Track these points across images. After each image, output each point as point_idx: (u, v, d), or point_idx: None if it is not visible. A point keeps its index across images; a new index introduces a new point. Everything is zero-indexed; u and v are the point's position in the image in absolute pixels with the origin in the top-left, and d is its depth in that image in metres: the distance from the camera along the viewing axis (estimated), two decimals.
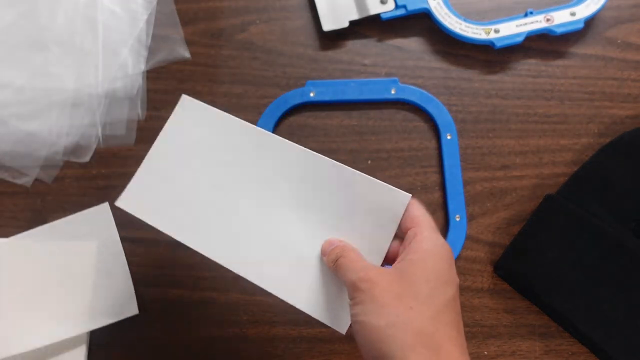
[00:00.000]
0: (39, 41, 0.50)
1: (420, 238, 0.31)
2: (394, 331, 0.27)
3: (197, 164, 0.39)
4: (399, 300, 0.28)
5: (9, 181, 0.48)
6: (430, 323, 0.28)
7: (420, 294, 0.28)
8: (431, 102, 0.49)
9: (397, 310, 0.28)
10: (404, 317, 0.28)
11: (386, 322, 0.28)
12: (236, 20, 0.53)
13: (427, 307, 0.28)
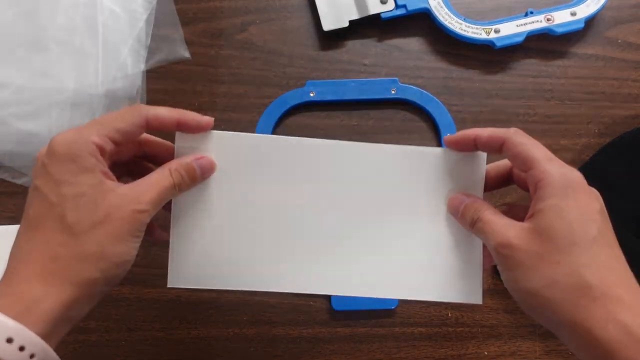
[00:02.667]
0: (39, 41, 0.50)
1: (543, 182, 0.28)
2: (550, 293, 0.27)
3: (226, 203, 0.33)
4: (543, 260, 0.27)
5: (9, 181, 0.48)
6: (585, 273, 0.26)
7: (564, 245, 0.27)
8: (431, 102, 0.49)
9: (546, 270, 0.27)
10: (555, 275, 0.27)
11: (539, 284, 0.27)
12: (236, 20, 0.53)
13: (576, 257, 0.26)
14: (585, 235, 0.27)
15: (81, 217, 0.27)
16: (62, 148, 0.27)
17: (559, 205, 0.27)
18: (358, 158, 0.34)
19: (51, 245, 0.27)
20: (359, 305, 0.45)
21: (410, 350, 0.45)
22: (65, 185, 0.27)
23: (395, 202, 0.34)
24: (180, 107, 0.50)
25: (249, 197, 0.33)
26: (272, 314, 0.45)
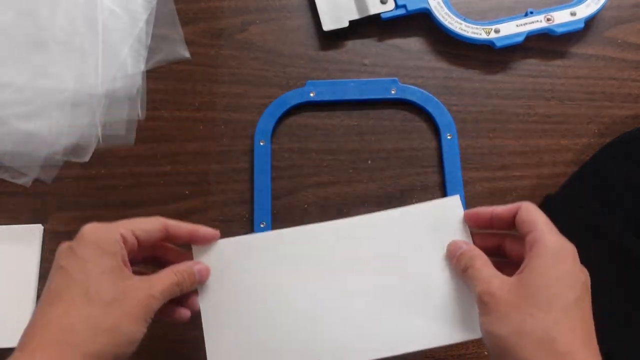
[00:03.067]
0: (39, 41, 0.50)
1: (539, 243, 0.31)
2: (516, 340, 0.28)
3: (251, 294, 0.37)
4: (518, 309, 0.29)
5: (9, 181, 0.48)
6: (553, 329, 0.28)
7: (541, 301, 0.29)
8: (431, 102, 0.49)
9: (517, 319, 0.29)
10: (524, 325, 0.28)
11: (507, 331, 0.29)
12: (236, 20, 0.53)
13: (547, 314, 0.28)
14: (562, 298, 0.29)
15: (102, 292, 0.30)
16: (90, 234, 0.32)
17: (547, 267, 0.30)
18: (350, 233, 0.38)
19: (70, 316, 0.29)
20: None
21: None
22: (90, 263, 0.30)
23: (391, 263, 0.37)
24: (180, 107, 0.51)
25: (264, 290, 0.37)
26: None
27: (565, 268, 0.30)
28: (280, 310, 0.37)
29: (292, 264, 0.37)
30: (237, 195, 0.48)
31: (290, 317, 0.37)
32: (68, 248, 0.31)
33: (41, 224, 0.47)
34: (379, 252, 0.37)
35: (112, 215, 0.47)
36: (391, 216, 0.38)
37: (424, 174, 0.49)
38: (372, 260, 0.37)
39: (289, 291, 0.37)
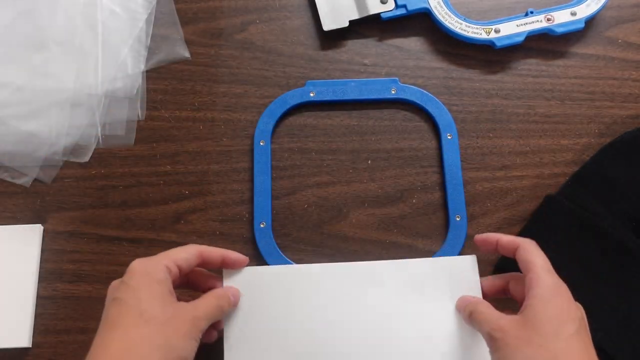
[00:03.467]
0: (39, 41, 0.50)
1: (537, 284, 0.34)
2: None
3: (272, 322, 0.40)
4: (528, 342, 0.32)
5: (9, 181, 0.48)
6: (561, 357, 0.31)
7: (547, 333, 0.32)
8: (431, 102, 0.49)
9: (529, 351, 0.32)
10: (536, 356, 0.31)
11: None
12: (236, 19, 0.53)
13: (555, 344, 0.32)
14: (565, 330, 0.32)
15: (155, 314, 0.33)
16: (140, 267, 0.35)
17: (547, 304, 0.33)
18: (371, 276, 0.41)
19: (128, 337, 0.32)
20: None
21: None
22: (142, 291, 0.34)
23: (405, 309, 0.40)
24: (180, 107, 0.51)
25: (285, 320, 0.40)
26: None
27: (562, 304, 0.34)
28: (298, 342, 0.39)
29: (314, 299, 0.40)
30: (237, 195, 0.48)
31: (307, 349, 0.39)
32: (120, 282, 0.35)
33: (41, 224, 0.47)
34: (396, 297, 0.40)
35: (112, 215, 0.47)
36: (410, 265, 0.41)
37: (424, 174, 0.48)
38: (388, 304, 0.40)
39: (308, 325, 0.40)
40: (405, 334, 0.39)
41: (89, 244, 0.47)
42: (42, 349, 0.44)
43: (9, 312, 0.44)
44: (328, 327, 0.40)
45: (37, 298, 0.45)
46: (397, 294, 0.40)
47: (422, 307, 0.40)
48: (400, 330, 0.40)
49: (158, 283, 0.34)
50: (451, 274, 0.40)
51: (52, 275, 0.46)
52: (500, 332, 0.33)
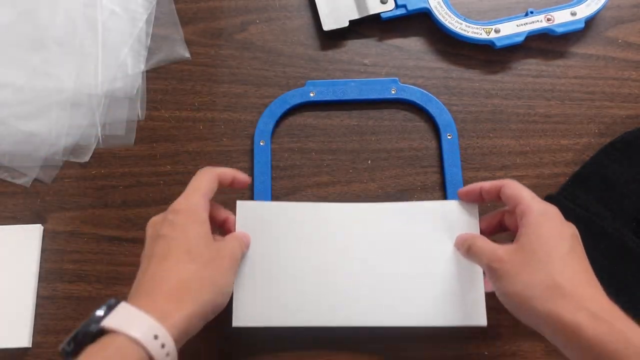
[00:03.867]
0: (39, 41, 0.50)
1: (526, 212, 0.36)
2: (530, 292, 0.33)
3: (280, 254, 0.42)
4: (525, 267, 0.34)
5: (9, 181, 0.48)
6: (557, 276, 0.32)
7: (542, 256, 0.33)
8: (431, 102, 0.49)
9: (526, 275, 0.33)
10: (533, 279, 0.33)
11: (522, 286, 0.33)
12: (236, 20, 0.53)
13: (550, 265, 0.33)
14: (559, 250, 0.34)
15: (202, 252, 0.35)
16: (184, 207, 0.37)
17: (538, 229, 0.35)
18: (376, 215, 0.43)
19: (180, 272, 0.34)
20: None
21: (410, 350, 0.45)
22: (189, 230, 0.36)
23: (406, 246, 0.42)
24: (180, 107, 0.51)
25: (291, 253, 0.42)
26: None
27: (553, 226, 0.35)
28: (303, 272, 0.42)
29: (321, 234, 0.42)
30: (237, 195, 0.48)
31: (311, 279, 0.42)
32: (164, 219, 0.36)
33: (41, 224, 0.47)
34: (398, 235, 0.42)
35: (112, 215, 0.47)
36: (414, 207, 0.43)
37: (424, 174, 0.48)
38: (391, 241, 0.42)
39: (313, 257, 0.42)
40: (405, 270, 0.42)
41: (89, 244, 0.47)
42: (42, 349, 0.44)
43: (9, 312, 0.44)
44: (333, 261, 0.42)
45: (37, 298, 0.45)
46: (399, 233, 0.42)
47: (423, 246, 0.42)
48: (400, 267, 0.42)
49: (202, 223, 0.36)
50: (452, 216, 0.42)
51: (52, 275, 0.46)
52: (497, 262, 0.35)
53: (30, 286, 0.45)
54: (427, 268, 0.42)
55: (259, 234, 0.42)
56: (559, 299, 0.32)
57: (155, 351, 0.30)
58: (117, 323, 0.30)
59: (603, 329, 0.30)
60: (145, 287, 0.33)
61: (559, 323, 0.31)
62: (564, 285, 0.32)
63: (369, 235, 0.43)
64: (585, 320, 0.30)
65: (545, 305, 0.32)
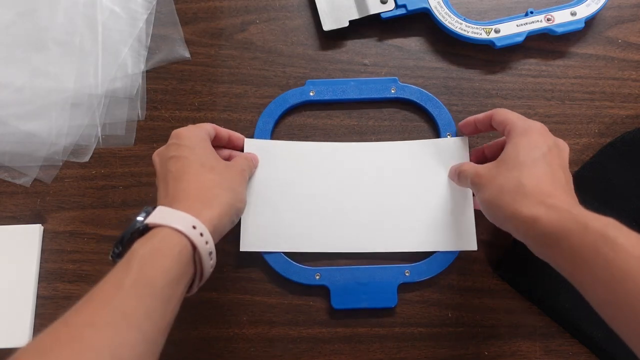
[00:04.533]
0: (39, 41, 0.50)
1: (510, 130, 0.39)
2: (498, 196, 0.36)
3: (285, 186, 0.46)
4: (497, 176, 0.37)
5: (9, 181, 0.48)
6: (523, 179, 0.35)
7: (513, 165, 0.37)
8: (431, 101, 0.49)
9: (497, 182, 0.37)
10: (503, 184, 0.36)
11: (492, 193, 0.37)
12: (236, 20, 0.53)
13: (518, 171, 0.36)
14: (529, 157, 0.36)
15: (214, 164, 0.39)
16: (187, 132, 0.40)
17: (515, 141, 0.38)
18: (376, 152, 0.47)
19: (199, 181, 0.37)
20: (358, 303, 0.45)
21: (410, 350, 0.45)
22: (197, 148, 0.39)
23: (407, 180, 0.46)
24: (180, 107, 0.51)
25: (295, 186, 0.46)
26: (272, 314, 0.45)
27: (530, 138, 0.38)
28: (306, 203, 0.46)
29: (323, 168, 0.47)
30: None
31: (314, 210, 0.46)
32: (168, 145, 0.39)
33: (41, 224, 0.47)
34: (396, 169, 0.47)
35: (112, 215, 0.47)
36: (410, 144, 0.48)
37: None
38: (389, 175, 0.46)
39: (316, 189, 0.46)
40: (403, 201, 0.46)
41: (89, 244, 0.47)
42: None
43: (9, 312, 0.44)
44: (335, 193, 0.46)
45: (37, 298, 0.45)
46: (397, 167, 0.47)
47: (419, 179, 0.46)
48: (398, 198, 0.46)
49: (206, 142, 0.40)
50: (445, 150, 0.47)
51: (52, 275, 0.46)
52: (477, 177, 0.39)
53: (30, 286, 0.45)
54: (422, 199, 0.46)
55: (265, 168, 0.46)
56: (520, 197, 0.35)
57: (195, 238, 0.33)
58: (159, 219, 0.33)
59: (555, 215, 0.33)
60: (169, 198, 0.36)
61: (519, 218, 0.34)
62: (527, 185, 0.35)
63: (369, 170, 0.47)
64: (540, 212, 0.33)
65: (509, 204, 0.35)
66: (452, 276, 0.46)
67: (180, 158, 0.38)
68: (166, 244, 0.32)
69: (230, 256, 0.46)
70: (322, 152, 0.47)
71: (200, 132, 0.40)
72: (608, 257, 0.30)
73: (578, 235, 0.31)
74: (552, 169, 0.36)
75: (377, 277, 0.45)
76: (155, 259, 0.31)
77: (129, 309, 0.29)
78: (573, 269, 0.32)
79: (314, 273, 0.45)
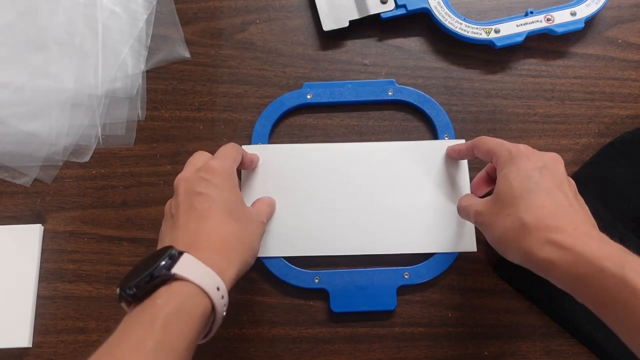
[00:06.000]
0: (39, 41, 0.50)
1: (498, 164, 0.38)
2: (506, 236, 0.35)
3: (283, 193, 0.46)
4: (499, 215, 0.36)
5: (9, 181, 0.48)
6: (524, 215, 0.34)
7: (510, 202, 0.35)
8: (429, 103, 0.49)
9: (501, 222, 0.35)
10: (506, 224, 0.35)
11: (499, 234, 0.36)
12: (236, 20, 0.53)
13: (517, 207, 0.35)
14: (523, 189, 0.35)
15: (240, 215, 0.37)
16: (219, 168, 0.38)
17: (504, 172, 0.37)
18: (374, 153, 0.47)
19: (222, 231, 0.35)
20: (357, 307, 0.44)
21: (410, 350, 0.45)
22: (226, 191, 0.37)
23: (407, 181, 0.47)
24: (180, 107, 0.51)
25: (295, 188, 0.46)
26: (272, 314, 0.45)
27: (519, 166, 0.36)
28: (306, 207, 0.46)
29: (322, 171, 0.47)
30: None
31: (314, 213, 0.46)
32: (199, 178, 0.37)
33: (41, 224, 0.47)
34: (397, 171, 0.47)
35: (112, 215, 0.47)
36: (409, 146, 0.48)
37: None
38: (390, 176, 0.47)
39: (315, 193, 0.46)
40: (403, 203, 0.46)
41: (89, 244, 0.47)
42: (42, 349, 0.44)
43: (9, 312, 0.44)
44: (336, 195, 0.46)
45: (37, 298, 0.45)
46: (397, 169, 0.47)
47: (419, 180, 0.47)
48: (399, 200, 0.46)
49: (236, 186, 0.39)
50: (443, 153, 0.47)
51: (52, 275, 0.46)
52: (478, 216, 0.38)
53: (30, 286, 0.45)
54: (422, 200, 0.46)
55: (263, 173, 0.47)
56: (526, 236, 0.34)
57: (217, 301, 0.32)
58: (187, 272, 0.31)
59: (568, 258, 0.31)
60: (189, 239, 0.35)
61: (534, 260, 0.33)
62: (529, 222, 0.34)
63: (368, 172, 0.47)
64: (553, 254, 0.32)
65: (520, 245, 0.34)
66: (452, 276, 0.46)
67: (209, 198, 0.36)
68: (191, 303, 0.31)
69: None
70: (320, 154, 0.47)
71: (231, 166, 0.39)
72: (629, 304, 0.29)
73: (596, 281, 0.30)
74: (550, 194, 0.35)
75: (376, 280, 0.45)
76: (180, 321, 0.30)
77: None
78: (597, 310, 0.32)
79: (313, 276, 0.45)
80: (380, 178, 0.47)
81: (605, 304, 0.30)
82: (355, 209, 0.46)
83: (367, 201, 0.46)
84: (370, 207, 0.46)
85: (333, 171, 0.47)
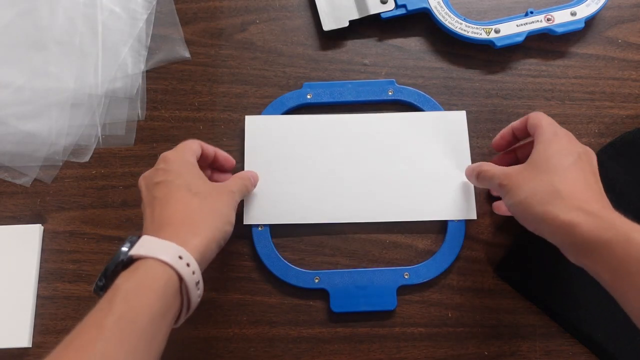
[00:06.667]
0: (39, 41, 0.50)
1: (540, 134, 0.39)
2: (532, 198, 0.35)
3: (286, 162, 0.47)
4: (530, 178, 0.36)
5: (9, 181, 0.48)
6: (557, 184, 0.35)
7: (546, 169, 0.36)
8: (428, 103, 0.49)
9: (530, 185, 0.36)
10: (536, 187, 0.36)
11: (526, 194, 0.36)
12: (236, 20, 0.53)
13: (552, 175, 0.36)
14: (561, 163, 0.36)
15: (200, 188, 0.38)
16: (174, 156, 0.39)
17: (545, 145, 0.38)
18: (376, 123, 0.48)
19: (186, 207, 0.36)
20: (357, 307, 0.44)
21: (410, 350, 0.45)
22: (184, 172, 0.38)
23: (408, 150, 0.47)
24: (180, 107, 0.51)
25: (298, 157, 0.47)
26: (272, 314, 0.45)
27: (561, 144, 0.37)
28: (309, 175, 0.46)
29: (324, 140, 0.47)
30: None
31: (317, 181, 0.46)
32: (155, 169, 0.38)
33: (41, 224, 0.47)
34: (397, 140, 0.47)
35: (112, 215, 0.47)
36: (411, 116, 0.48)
37: None
38: (390, 145, 0.47)
39: (318, 161, 0.47)
40: (403, 171, 0.47)
41: (89, 244, 0.47)
42: (42, 349, 0.44)
43: (9, 312, 0.44)
44: (335, 164, 0.47)
45: (37, 298, 0.45)
46: (398, 138, 0.47)
47: (420, 149, 0.47)
48: (399, 168, 0.47)
49: (194, 166, 0.39)
50: (444, 122, 0.48)
51: (52, 275, 0.46)
52: (507, 179, 0.38)
53: (30, 286, 0.45)
54: (422, 169, 0.47)
55: (266, 143, 0.47)
56: (556, 201, 0.34)
57: (181, 269, 0.32)
58: (144, 250, 0.32)
59: (595, 223, 0.32)
60: (155, 225, 0.35)
61: (556, 222, 0.33)
62: (561, 189, 0.34)
63: (369, 141, 0.47)
64: (579, 217, 0.32)
65: (544, 207, 0.34)
66: (452, 276, 0.46)
67: (167, 183, 0.37)
68: (151, 276, 0.31)
69: (231, 256, 0.46)
70: (322, 124, 0.48)
71: (186, 154, 0.39)
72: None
73: (621, 247, 0.30)
74: (586, 176, 0.36)
75: (376, 280, 0.45)
76: (140, 294, 0.30)
77: (110, 352, 0.28)
78: (614, 279, 0.31)
79: (313, 276, 0.45)
80: (382, 147, 0.47)
81: (627, 272, 0.30)
82: (357, 178, 0.46)
83: (368, 170, 0.47)
84: (371, 175, 0.46)
85: (335, 140, 0.47)
